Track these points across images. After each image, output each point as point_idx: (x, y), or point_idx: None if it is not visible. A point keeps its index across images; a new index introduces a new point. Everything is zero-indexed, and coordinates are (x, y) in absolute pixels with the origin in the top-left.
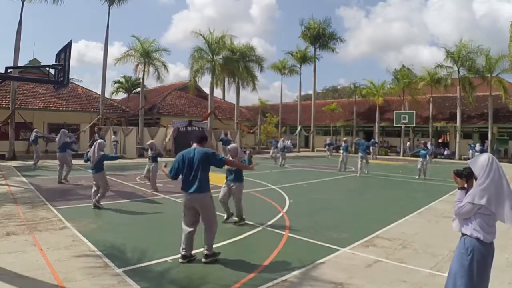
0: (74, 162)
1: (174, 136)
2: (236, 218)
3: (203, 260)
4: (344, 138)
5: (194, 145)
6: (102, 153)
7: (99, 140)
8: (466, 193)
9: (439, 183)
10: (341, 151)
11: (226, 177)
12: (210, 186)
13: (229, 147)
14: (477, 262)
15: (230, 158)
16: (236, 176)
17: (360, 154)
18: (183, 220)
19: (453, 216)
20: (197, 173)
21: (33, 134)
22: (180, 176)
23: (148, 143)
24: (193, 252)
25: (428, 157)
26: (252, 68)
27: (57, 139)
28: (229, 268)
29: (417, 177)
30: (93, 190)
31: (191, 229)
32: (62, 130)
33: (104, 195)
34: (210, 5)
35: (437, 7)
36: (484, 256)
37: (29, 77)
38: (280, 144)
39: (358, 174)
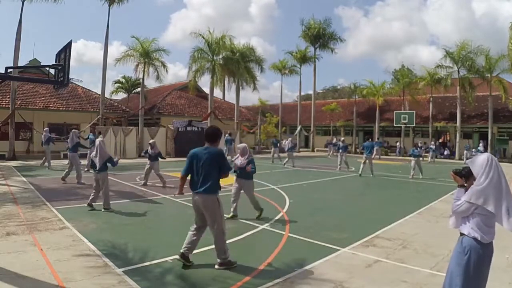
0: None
1: (174, 136)
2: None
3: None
4: (342, 138)
5: (206, 144)
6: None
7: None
8: (465, 191)
9: (439, 183)
10: (340, 151)
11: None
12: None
13: (238, 146)
14: (473, 262)
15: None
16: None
17: (364, 155)
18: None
19: (450, 213)
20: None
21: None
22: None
23: (150, 141)
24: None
25: (421, 156)
26: (252, 68)
27: (68, 140)
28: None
29: (410, 176)
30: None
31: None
32: (73, 130)
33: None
34: (208, 4)
35: (436, 6)
36: (481, 256)
37: (29, 77)
38: (288, 144)
39: (359, 174)
